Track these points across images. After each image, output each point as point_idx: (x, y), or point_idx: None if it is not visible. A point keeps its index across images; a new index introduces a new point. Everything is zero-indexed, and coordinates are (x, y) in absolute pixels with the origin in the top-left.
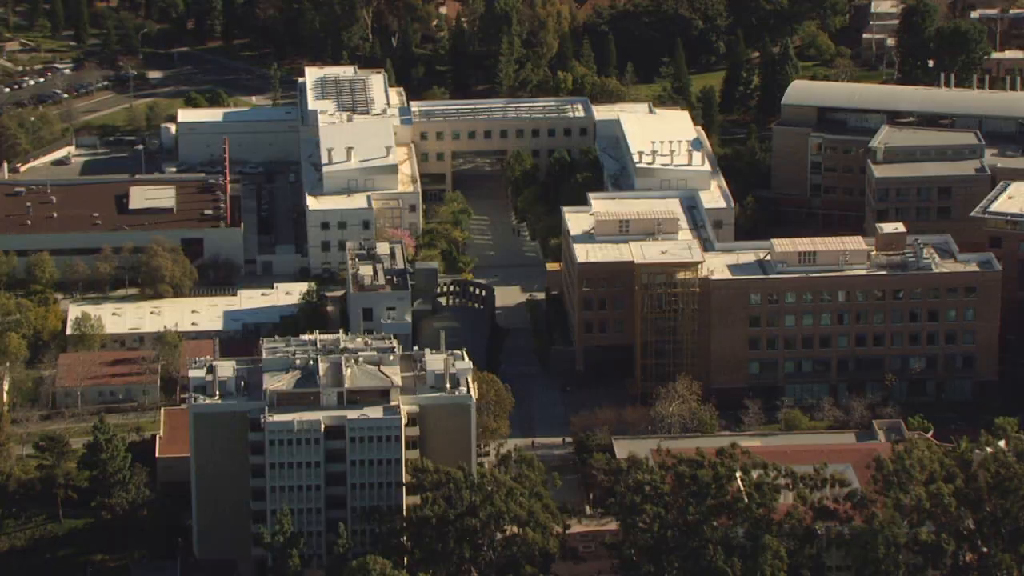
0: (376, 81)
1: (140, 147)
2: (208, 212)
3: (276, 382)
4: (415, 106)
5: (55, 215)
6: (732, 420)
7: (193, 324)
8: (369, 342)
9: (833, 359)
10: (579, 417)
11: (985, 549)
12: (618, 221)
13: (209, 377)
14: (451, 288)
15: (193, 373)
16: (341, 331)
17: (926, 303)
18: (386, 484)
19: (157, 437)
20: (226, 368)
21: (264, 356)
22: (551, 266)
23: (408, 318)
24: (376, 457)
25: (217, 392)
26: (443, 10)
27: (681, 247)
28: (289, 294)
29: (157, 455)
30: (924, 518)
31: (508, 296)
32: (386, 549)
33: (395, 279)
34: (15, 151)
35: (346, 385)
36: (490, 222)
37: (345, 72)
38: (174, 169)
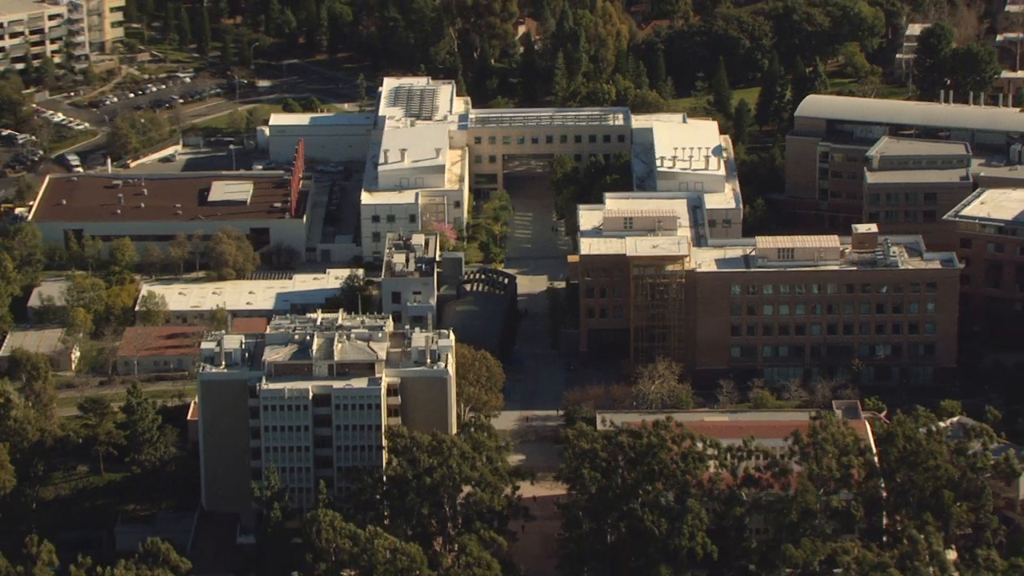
0: (444, 91)
1: (231, 147)
2: (277, 205)
3: (274, 354)
4: (473, 113)
5: (142, 205)
6: (710, 398)
7: (248, 304)
8: (364, 321)
9: (807, 345)
10: (571, 393)
11: (898, 516)
12: (623, 218)
13: (217, 349)
14: (477, 276)
15: (205, 345)
16: (369, 313)
17: (891, 296)
18: (367, 447)
19: (192, 403)
20: (233, 341)
21: (268, 331)
22: (572, 258)
23: (432, 301)
24: (358, 423)
25: (223, 362)
26: (522, 28)
27: (672, 242)
28: (338, 279)
29: (188, 418)
30: (839, 487)
31: (536, 284)
32: (359, 505)
33: (423, 267)
34: (126, 149)
35: (336, 358)
36: (533, 218)
37: (418, 82)
38: (260, 167)
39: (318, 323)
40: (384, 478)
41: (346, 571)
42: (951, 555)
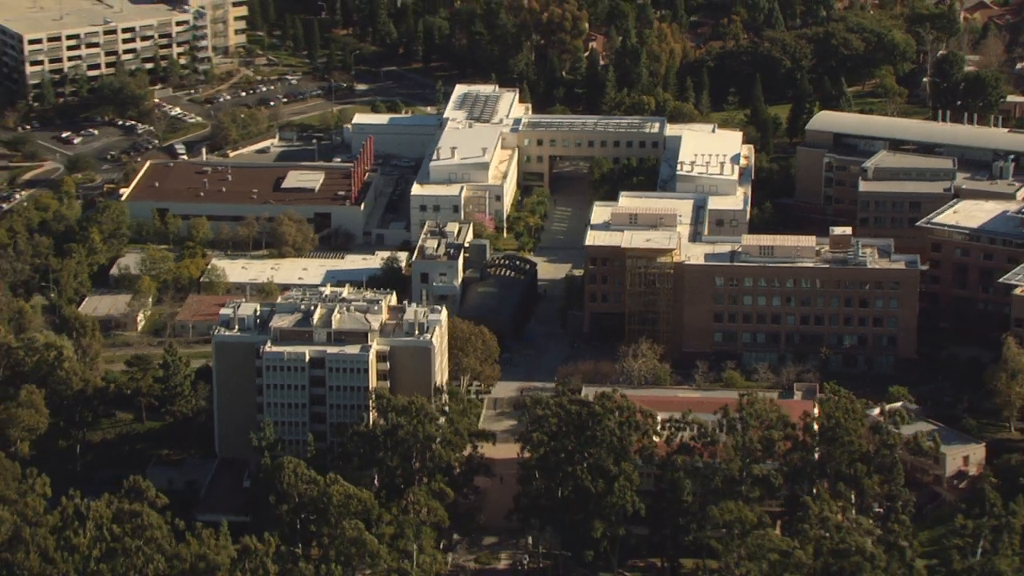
0: (507, 98)
1: (314, 141)
2: (341, 193)
3: (281, 321)
4: (525, 118)
5: (223, 190)
6: (688, 377)
7: (299, 279)
8: (366, 295)
9: (782, 333)
10: (565, 368)
11: (815, 489)
12: (628, 214)
13: (233, 315)
14: (501, 261)
15: (223, 311)
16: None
17: (859, 292)
18: (356, 407)
19: None
20: (248, 309)
21: (279, 301)
22: None
23: (457, 283)
24: (349, 384)
25: (236, 326)
26: (593, 44)
27: (664, 237)
28: (382, 260)
29: None
30: (765, 458)
31: (559, 271)
32: (342, 455)
33: (451, 251)
34: (227, 140)
35: (333, 327)
36: (571, 213)
37: (485, 89)
38: (339, 160)
39: (324, 295)
40: (357, 432)
41: None
42: (864, 522)
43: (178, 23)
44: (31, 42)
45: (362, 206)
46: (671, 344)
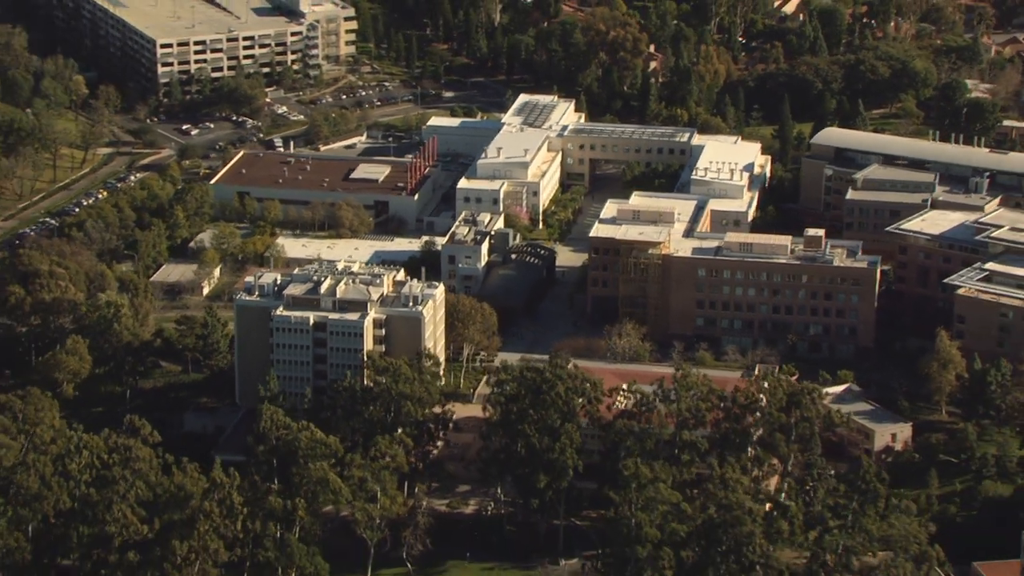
0: (562, 107)
1: (389, 140)
2: (400, 184)
3: (294, 289)
4: (571, 125)
5: (299, 178)
6: (666, 355)
7: (349, 257)
8: (375, 270)
9: (756, 321)
10: (560, 343)
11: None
12: (632, 211)
13: (255, 283)
14: (523, 247)
15: (247, 279)
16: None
17: (824, 286)
18: (353, 366)
19: None
20: (268, 278)
21: (295, 272)
22: None
23: (480, 265)
24: (347, 347)
25: (256, 293)
26: (653, 63)
27: (656, 232)
28: (422, 243)
29: None
30: (697, 425)
31: (580, 259)
32: (330, 407)
33: (478, 238)
34: (319, 136)
35: (337, 296)
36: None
37: (544, 99)
38: (410, 156)
39: (336, 269)
40: (343, 388)
41: None
42: (774, 483)
43: (293, 33)
44: (163, 46)
45: (416, 197)
46: (658, 326)
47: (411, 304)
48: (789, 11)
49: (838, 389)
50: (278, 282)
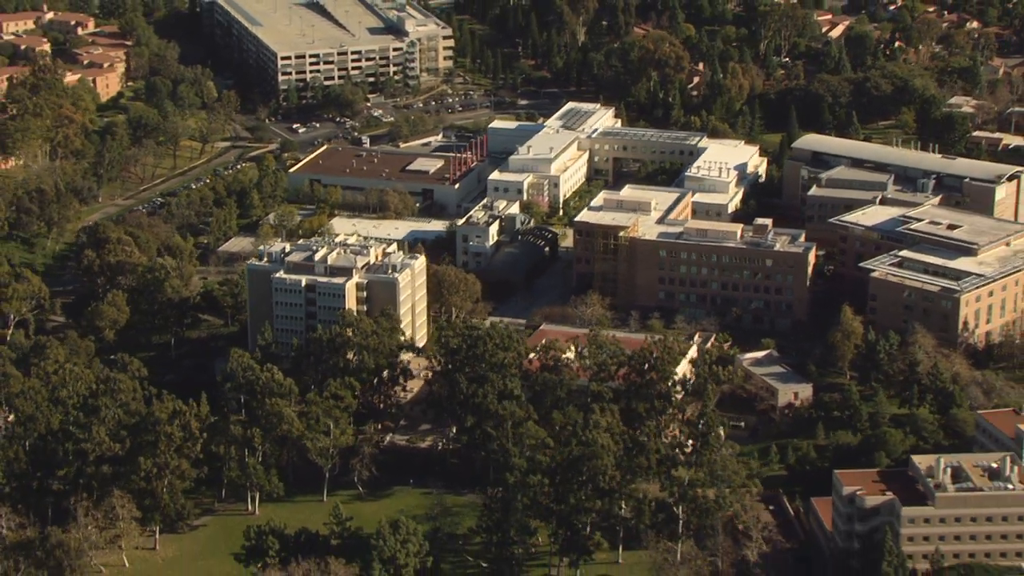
0: (601, 113)
1: (454, 138)
2: (446, 176)
3: (294, 257)
4: (600, 128)
5: (364, 168)
6: (625, 322)
7: (388, 234)
8: (367, 242)
9: (708, 296)
10: (538, 310)
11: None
12: (617, 200)
13: (264, 250)
14: (529, 230)
15: (261, 247)
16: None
17: (765, 268)
18: (336, 322)
19: None
20: (278, 246)
21: (299, 242)
22: None
23: (488, 244)
24: (332, 306)
25: (265, 258)
26: (696, 78)
27: (627, 219)
28: (446, 225)
29: None
30: (607, 379)
31: None
32: (305, 354)
33: (489, 220)
34: (400, 135)
35: (328, 263)
36: None
37: (587, 106)
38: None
39: (335, 241)
40: (312, 338)
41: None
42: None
43: (395, 49)
44: (283, 58)
45: (457, 186)
46: (627, 298)
47: (390, 271)
48: (834, 35)
49: (760, 354)
50: (285, 250)
